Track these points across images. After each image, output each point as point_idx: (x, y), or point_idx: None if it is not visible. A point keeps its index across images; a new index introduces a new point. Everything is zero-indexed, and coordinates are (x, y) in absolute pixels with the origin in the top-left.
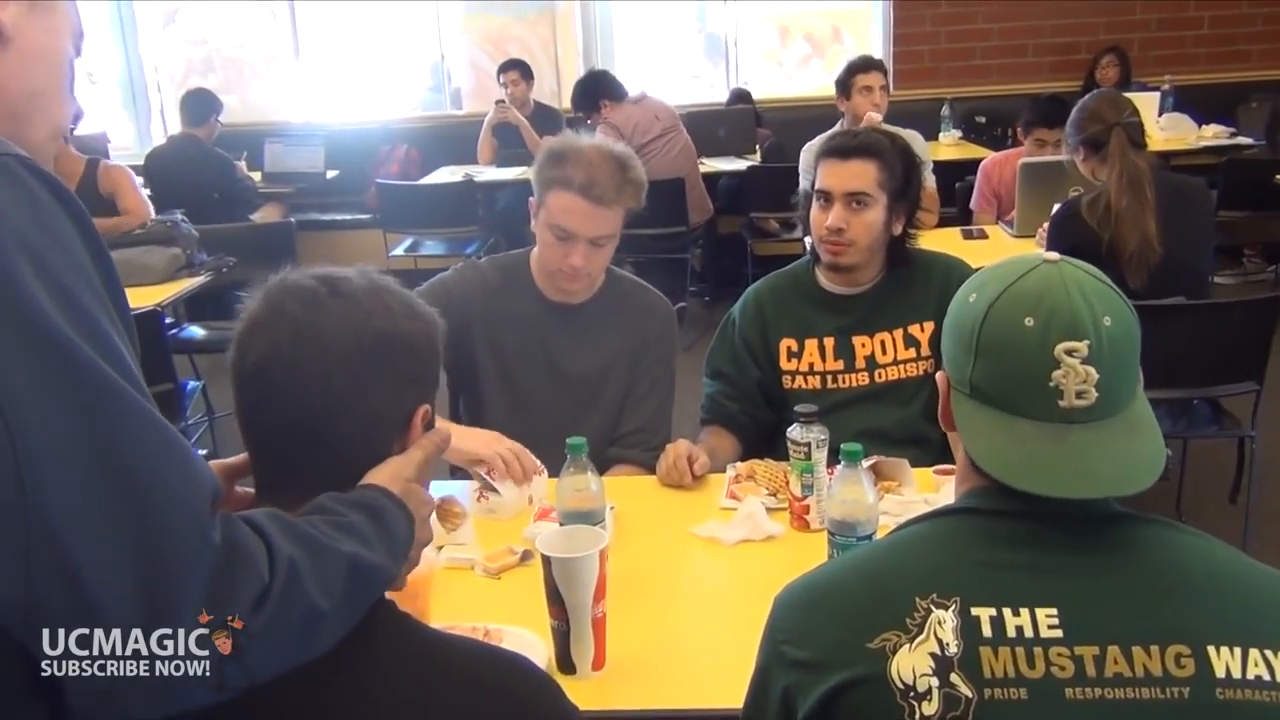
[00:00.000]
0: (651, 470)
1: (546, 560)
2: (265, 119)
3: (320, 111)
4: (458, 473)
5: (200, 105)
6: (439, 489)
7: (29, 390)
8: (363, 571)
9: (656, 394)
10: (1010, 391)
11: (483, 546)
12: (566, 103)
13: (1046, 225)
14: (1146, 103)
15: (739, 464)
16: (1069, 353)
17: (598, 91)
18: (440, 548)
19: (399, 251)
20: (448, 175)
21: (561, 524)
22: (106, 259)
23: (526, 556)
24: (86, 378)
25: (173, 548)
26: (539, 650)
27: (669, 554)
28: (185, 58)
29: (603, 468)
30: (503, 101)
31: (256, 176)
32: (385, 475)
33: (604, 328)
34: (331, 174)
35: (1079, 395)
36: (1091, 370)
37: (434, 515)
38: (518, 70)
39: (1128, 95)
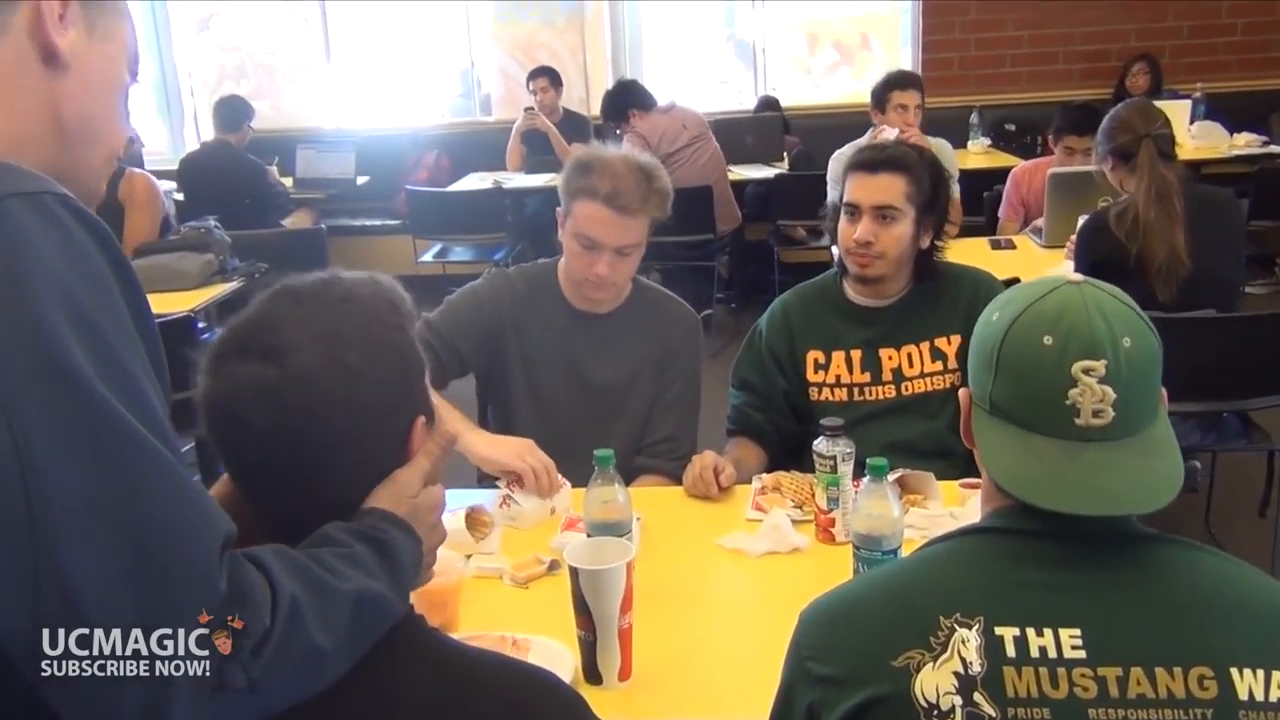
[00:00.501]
0: (678, 480)
1: (574, 572)
2: (297, 125)
3: (351, 118)
4: (484, 481)
5: (233, 111)
6: (466, 498)
7: (48, 436)
8: (367, 607)
9: (683, 404)
10: (1028, 408)
11: (510, 556)
12: (595, 109)
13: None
14: (1178, 110)
15: (765, 475)
16: (1086, 371)
17: (627, 101)
18: (468, 557)
19: (428, 257)
20: (477, 182)
21: (589, 535)
22: (137, 291)
23: (554, 566)
24: (107, 427)
25: (178, 598)
26: (566, 660)
27: (695, 565)
28: (218, 64)
29: (629, 477)
30: (532, 108)
31: (288, 182)
32: (389, 497)
33: (630, 337)
34: (362, 180)
35: (1096, 414)
36: (1108, 390)
37: (464, 523)
38: (547, 77)
39: (1159, 103)
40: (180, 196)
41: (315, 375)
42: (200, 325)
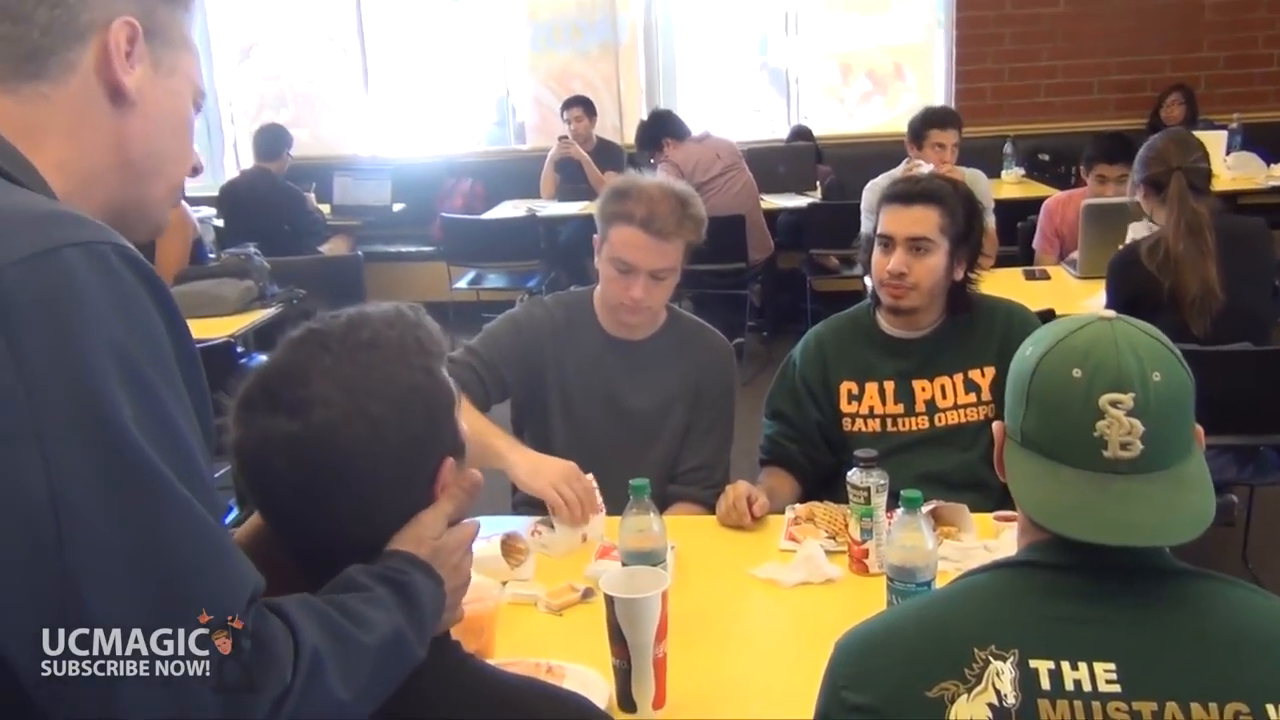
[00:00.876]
0: (711, 508)
1: (610, 600)
2: (335, 152)
3: (388, 146)
4: (520, 508)
5: (272, 140)
6: (500, 525)
7: (83, 483)
8: (388, 655)
9: (716, 432)
10: (1057, 440)
11: (545, 584)
12: (629, 138)
13: None
14: (1214, 141)
15: (798, 506)
16: (1113, 404)
17: (661, 130)
18: (504, 583)
19: (462, 284)
20: (511, 209)
21: (623, 563)
22: (187, 339)
23: (588, 594)
24: (143, 481)
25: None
26: (600, 688)
27: (728, 595)
28: (259, 92)
29: (662, 504)
30: (566, 137)
31: (325, 209)
32: (411, 539)
33: (665, 365)
34: (398, 207)
35: (1124, 447)
36: (1136, 423)
37: (500, 550)
38: (581, 107)
39: (1196, 134)
40: (220, 223)
41: (338, 428)
42: (239, 350)
